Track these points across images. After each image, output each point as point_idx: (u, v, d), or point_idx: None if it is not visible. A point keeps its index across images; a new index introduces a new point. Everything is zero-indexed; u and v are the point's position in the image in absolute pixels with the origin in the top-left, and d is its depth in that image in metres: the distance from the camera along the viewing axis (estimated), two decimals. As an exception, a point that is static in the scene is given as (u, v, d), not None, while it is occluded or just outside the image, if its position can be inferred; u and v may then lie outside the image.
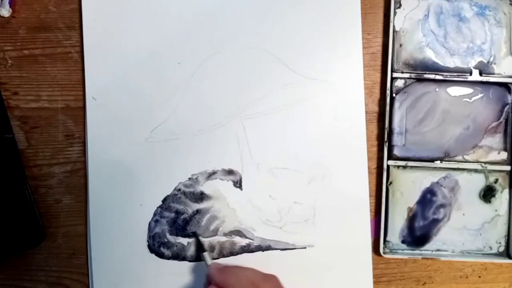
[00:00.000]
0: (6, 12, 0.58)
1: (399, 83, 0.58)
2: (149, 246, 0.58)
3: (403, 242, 0.59)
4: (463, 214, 0.58)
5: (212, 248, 0.58)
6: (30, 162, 0.58)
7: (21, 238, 0.56)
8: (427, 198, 0.58)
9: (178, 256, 0.58)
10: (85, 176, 0.58)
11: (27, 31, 0.59)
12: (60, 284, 0.58)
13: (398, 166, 0.58)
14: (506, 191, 0.58)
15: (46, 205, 0.58)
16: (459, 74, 0.58)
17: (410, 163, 0.58)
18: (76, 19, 0.59)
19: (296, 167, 0.58)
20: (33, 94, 0.59)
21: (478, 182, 0.58)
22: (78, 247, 0.58)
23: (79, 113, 0.58)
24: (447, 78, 0.58)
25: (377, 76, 0.59)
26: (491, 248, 0.59)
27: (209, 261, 0.55)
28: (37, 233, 0.57)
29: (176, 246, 0.58)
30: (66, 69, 0.59)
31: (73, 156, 0.58)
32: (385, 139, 0.58)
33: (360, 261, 0.58)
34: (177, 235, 0.58)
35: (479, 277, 0.59)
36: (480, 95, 0.58)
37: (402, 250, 0.59)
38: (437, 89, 0.58)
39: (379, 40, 0.59)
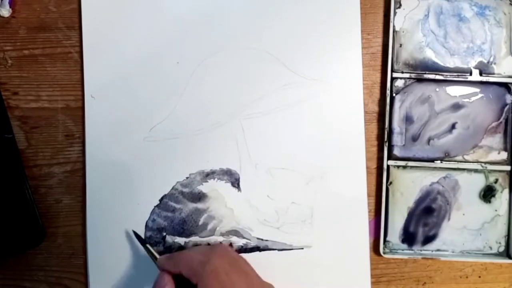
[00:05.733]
0: (6, 12, 0.58)
1: (399, 83, 0.58)
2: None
3: (403, 242, 0.58)
4: (463, 214, 0.58)
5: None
6: (30, 162, 0.58)
7: (21, 238, 0.56)
8: (427, 198, 0.58)
9: (175, 256, 0.58)
10: (85, 175, 0.58)
11: (27, 31, 0.59)
12: (60, 284, 0.58)
13: (398, 166, 0.58)
14: (506, 191, 0.58)
15: (46, 205, 0.58)
16: (459, 74, 0.58)
17: (410, 163, 0.58)
18: (76, 19, 0.59)
19: (294, 168, 0.58)
20: (33, 94, 0.59)
21: (478, 182, 0.58)
22: (78, 247, 0.58)
23: (79, 113, 0.58)
24: (447, 78, 0.58)
25: (377, 76, 0.59)
26: (491, 248, 0.58)
27: (156, 254, 0.54)
28: (37, 233, 0.57)
29: (173, 245, 0.58)
30: (66, 69, 0.59)
31: (73, 156, 0.58)
32: (385, 139, 0.58)
33: (358, 262, 0.58)
34: (173, 235, 0.58)
35: (479, 277, 0.59)
36: (480, 95, 0.58)
37: (402, 250, 0.58)
38: (437, 89, 0.58)
39: (379, 40, 0.59)
